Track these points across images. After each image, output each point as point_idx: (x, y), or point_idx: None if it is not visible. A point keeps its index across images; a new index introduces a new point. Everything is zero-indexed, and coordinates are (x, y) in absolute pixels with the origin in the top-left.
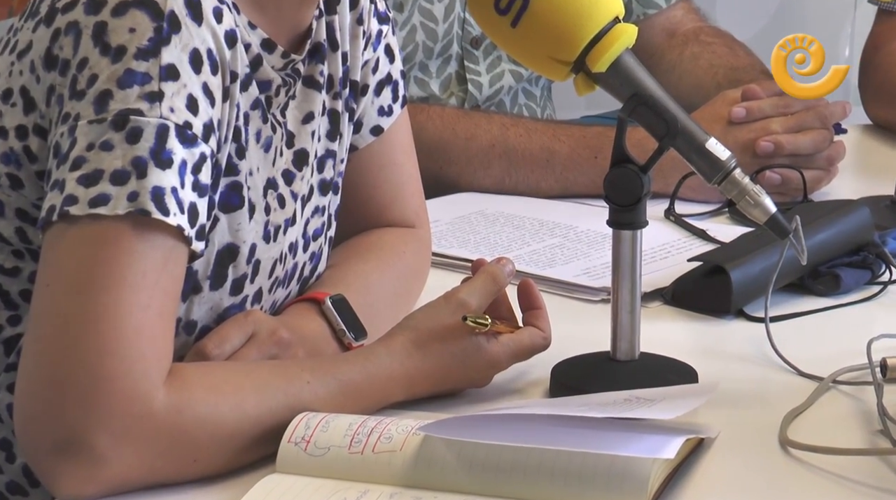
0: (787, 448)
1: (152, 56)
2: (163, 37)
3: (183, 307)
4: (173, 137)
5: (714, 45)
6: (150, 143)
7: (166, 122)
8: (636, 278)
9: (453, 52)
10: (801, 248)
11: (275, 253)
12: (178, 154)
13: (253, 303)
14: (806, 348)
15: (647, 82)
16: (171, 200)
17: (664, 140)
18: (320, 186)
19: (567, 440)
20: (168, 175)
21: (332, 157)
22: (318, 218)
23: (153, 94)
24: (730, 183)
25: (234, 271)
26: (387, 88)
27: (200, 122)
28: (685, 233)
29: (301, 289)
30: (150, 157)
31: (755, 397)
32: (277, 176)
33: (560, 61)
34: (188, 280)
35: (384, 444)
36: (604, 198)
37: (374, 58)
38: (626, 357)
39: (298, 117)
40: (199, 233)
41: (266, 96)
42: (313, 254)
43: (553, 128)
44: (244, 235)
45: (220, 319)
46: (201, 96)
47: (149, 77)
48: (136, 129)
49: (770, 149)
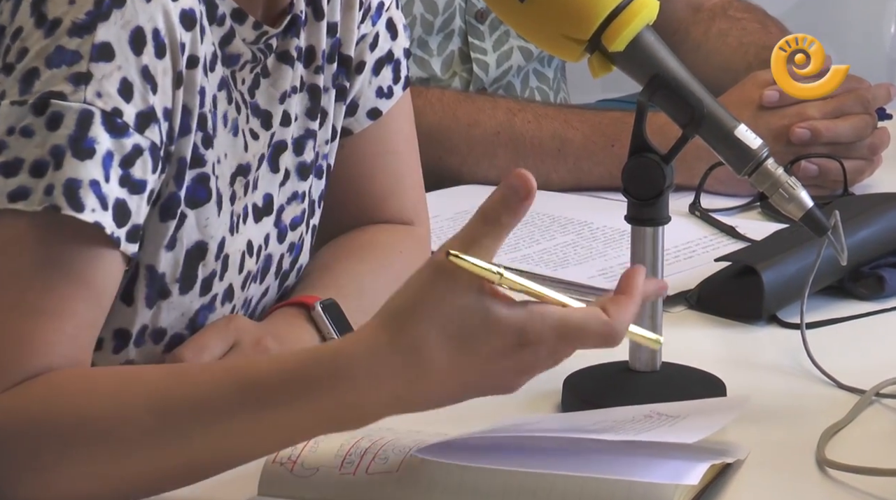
0: (825, 469)
1: (86, 32)
2: (101, 11)
3: (149, 314)
4: (98, 124)
5: (744, 21)
6: (69, 130)
7: (90, 107)
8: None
9: (456, 26)
10: (840, 246)
11: (240, 244)
12: (103, 144)
13: (224, 302)
14: (846, 357)
15: (669, 62)
16: (89, 194)
17: (688, 127)
18: (298, 170)
19: (580, 465)
20: (88, 167)
21: (312, 137)
22: (296, 205)
23: (80, 75)
24: (761, 174)
25: (203, 270)
26: (387, 67)
27: (135, 110)
28: (712, 230)
29: (281, 284)
30: (68, 145)
31: (790, 413)
32: (253, 161)
33: (573, 39)
34: (153, 284)
35: (379, 465)
36: (621, 191)
37: (372, 32)
38: (647, 368)
39: (275, 96)
40: (130, 234)
41: (231, 71)
42: (292, 245)
43: (565, 113)
44: (212, 230)
45: (192, 324)
46: (139, 81)
47: (78, 56)
48: (56, 114)
49: (806, 136)
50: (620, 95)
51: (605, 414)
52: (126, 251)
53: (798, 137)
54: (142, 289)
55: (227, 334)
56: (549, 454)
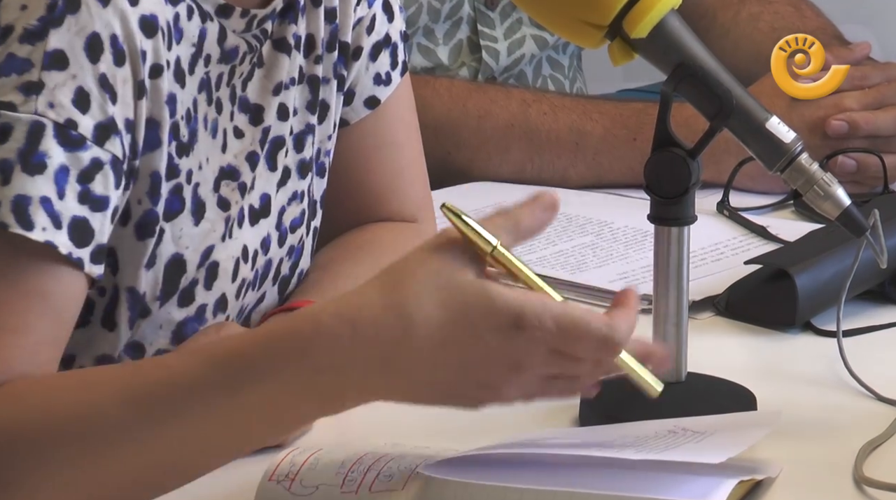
0: (862, 488)
1: (38, 39)
2: (54, 16)
3: (129, 333)
4: (50, 137)
5: (776, 5)
6: (19, 143)
7: (41, 119)
8: (683, 285)
9: (464, 13)
10: (880, 248)
11: (233, 251)
12: (55, 158)
13: (216, 312)
14: (886, 367)
15: (695, 49)
16: (40, 211)
17: (716, 119)
18: (298, 168)
19: (600, 482)
20: (38, 182)
21: (312, 132)
22: (296, 206)
23: (30, 84)
24: (795, 170)
25: (184, 281)
26: (384, 52)
27: (92, 121)
28: (742, 230)
29: (281, 291)
30: (17, 159)
31: (825, 427)
32: (237, 161)
33: (592, 25)
34: (135, 306)
35: (383, 482)
36: (644, 188)
37: (368, 15)
38: (671, 379)
39: (268, 87)
40: (95, 254)
41: (231, 66)
42: (292, 248)
43: (584, 104)
44: (187, 240)
45: (177, 336)
46: (96, 90)
47: (29, 64)
48: (5, 126)
49: (844, 129)
50: (643, 84)
51: (626, 429)
52: (91, 273)
53: (835, 129)
54: (124, 313)
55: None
56: (566, 471)
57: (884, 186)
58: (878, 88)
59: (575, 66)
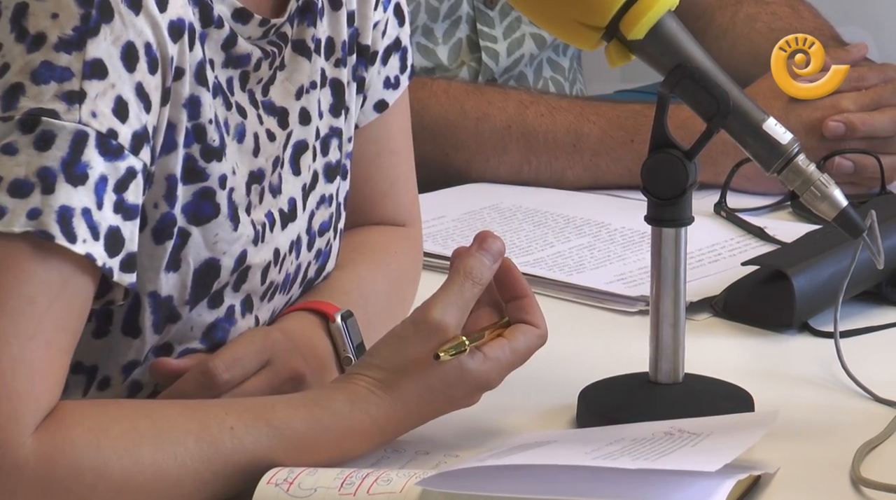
0: (859, 488)
1: (75, 48)
2: (90, 26)
3: (155, 337)
4: (92, 147)
5: (774, 6)
6: (62, 152)
7: (85, 128)
8: (680, 286)
9: (463, 12)
10: (877, 249)
11: (266, 255)
12: (97, 169)
13: (244, 313)
14: (883, 368)
15: (693, 51)
16: (81, 223)
17: (713, 120)
18: (326, 171)
19: (596, 488)
20: (80, 193)
21: (338, 135)
22: (324, 209)
23: (73, 93)
24: (792, 171)
25: (216, 285)
26: (394, 56)
27: (130, 130)
28: (739, 231)
29: (304, 293)
30: (60, 169)
31: (822, 428)
32: (266, 165)
33: (589, 26)
34: (159, 310)
35: (382, 486)
36: (641, 190)
37: (384, 19)
38: (669, 380)
39: (290, 90)
40: (125, 264)
41: (243, 72)
42: (319, 251)
43: (581, 106)
44: (224, 246)
45: (207, 337)
46: (133, 100)
47: (69, 73)
48: (47, 133)
49: (841, 130)
50: (640, 85)
51: (623, 431)
52: (122, 281)
53: (832, 131)
54: (147, 318)
55: (263, 349)
56: (563, 477)
57: (881, 187)
58: (875, 89)
59: (575, 68)
